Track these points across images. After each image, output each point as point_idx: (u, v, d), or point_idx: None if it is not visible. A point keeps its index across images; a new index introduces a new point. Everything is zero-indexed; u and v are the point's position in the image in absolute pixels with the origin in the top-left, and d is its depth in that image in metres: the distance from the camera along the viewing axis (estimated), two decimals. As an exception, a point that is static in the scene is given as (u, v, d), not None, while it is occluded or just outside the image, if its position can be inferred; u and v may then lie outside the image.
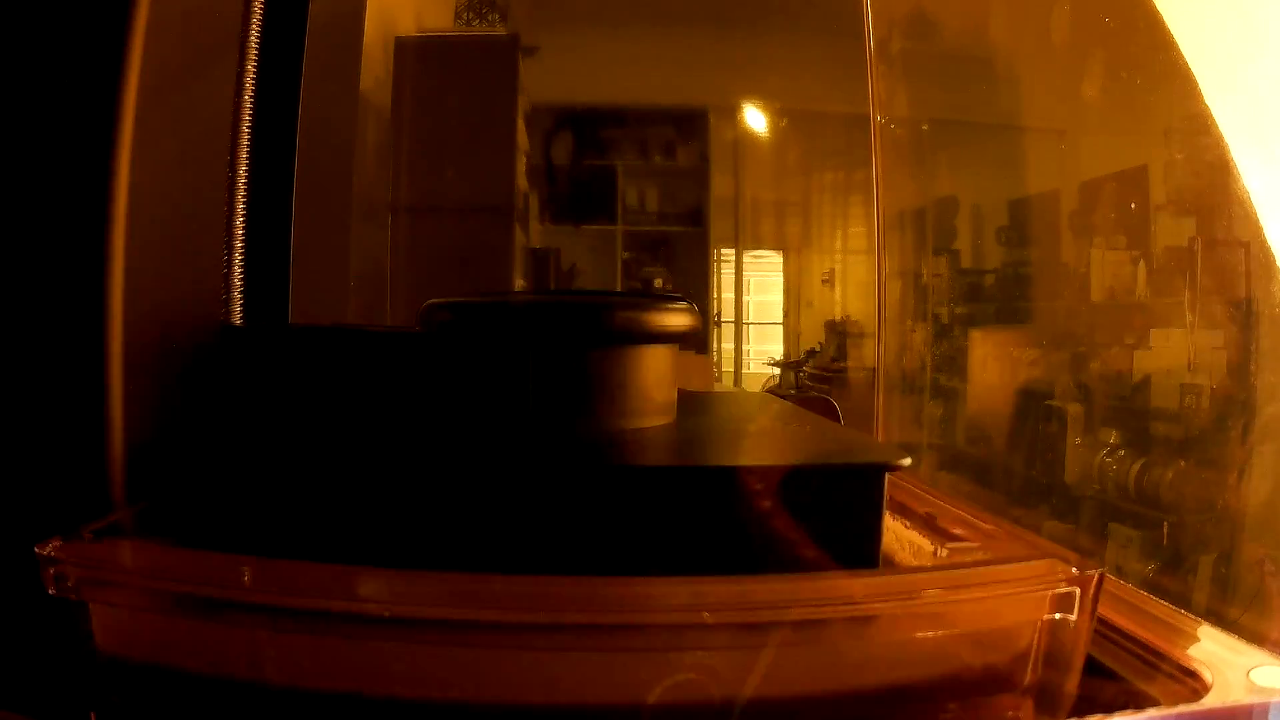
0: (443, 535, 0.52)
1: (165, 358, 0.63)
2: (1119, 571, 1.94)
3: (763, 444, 0.69)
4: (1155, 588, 1.91)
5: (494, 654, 0.44)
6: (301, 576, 0.46)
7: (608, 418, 0.60)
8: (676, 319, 0.62)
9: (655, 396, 0.62)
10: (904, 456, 0.55)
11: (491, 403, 0.60)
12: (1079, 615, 0.47)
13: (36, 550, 0.46)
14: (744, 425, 0.76)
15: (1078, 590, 0.47)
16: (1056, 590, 0.47)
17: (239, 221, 0.75)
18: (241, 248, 0.75)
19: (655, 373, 0.62)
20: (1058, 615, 0.47)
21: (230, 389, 0.66)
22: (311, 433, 0.61)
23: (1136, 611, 0.68)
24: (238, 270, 0.74)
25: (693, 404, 0.75)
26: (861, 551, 0.53)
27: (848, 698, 0.46)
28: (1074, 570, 0.47)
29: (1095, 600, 0.47)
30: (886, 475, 0.54)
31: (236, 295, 0.74)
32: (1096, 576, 0.47)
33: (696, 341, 4.27)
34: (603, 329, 0.61)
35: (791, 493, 0.53)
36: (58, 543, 0.46)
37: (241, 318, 0.74)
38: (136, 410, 0.60)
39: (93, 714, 0.47)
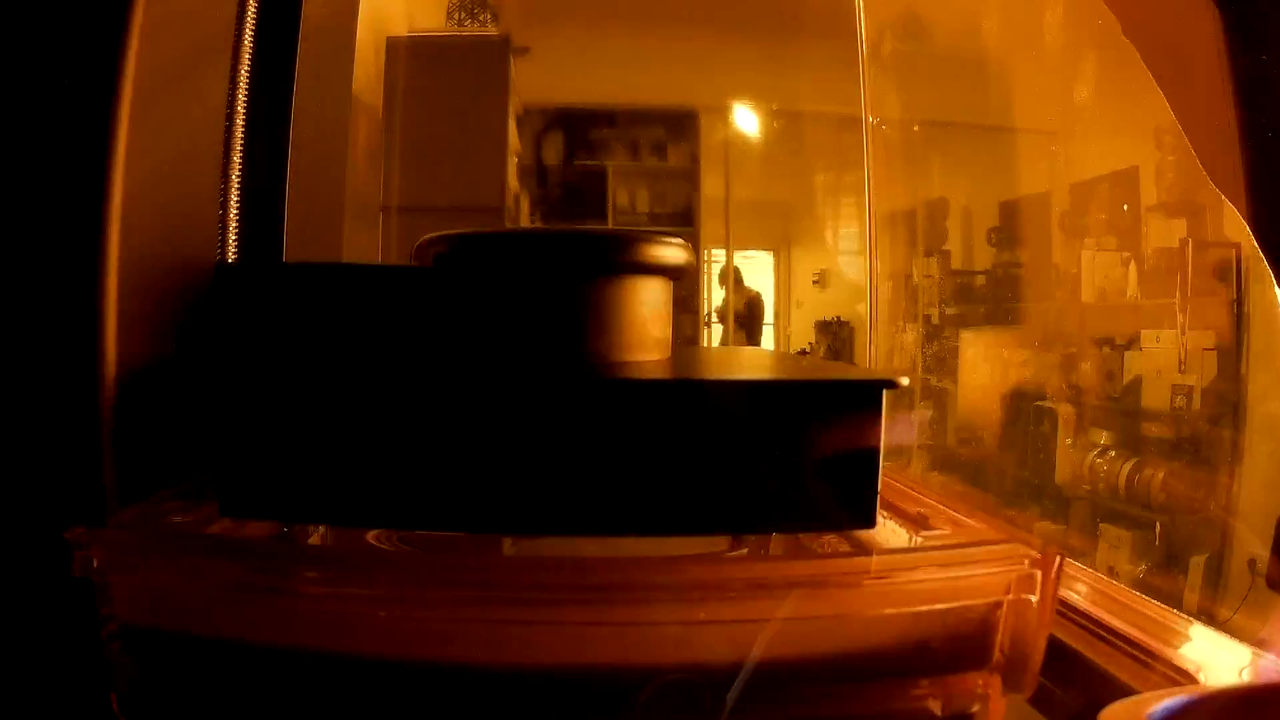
0: (440, 457, 0.52)
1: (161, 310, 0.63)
2: (1110, 571, 1.95)
3: (759, 371, 0.69)
4: (1147, 588, 1.91)
5: (490, 622, 0.46)
6: (327, 560, 0.48)
7: (603, 349, 0.60)
8: (669, 251, 0.62)
9: (651, 330, 0.63)
10: (900, 377, 0.56)
11: (485, 335, 0.60)
12: (1040, 596, 0.49)
13: (66, 536, 0.47)
14: (741, 359, 0.78)
15: (1039, 572, 0.49)
16: (1019, 571, 0.49)
17: (233, 221, 0.75)
18: (235, 248, 0.75)
19: (650, 306, 0.63)
20: (1020, 595, 0.49)
21: (224, 328, 0.66)
22: (308, 367, 0.61)
23: (1129, 611, 0.68)
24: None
25: (689, 350, 0.76)
26: (861, 471, 0.54)
27: (822, 675, 0.47)
28: (1035, 553, 0.49)
29: (1056, 581, 0.49)
30: (883, 393, 0.55)
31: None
32: (1057, 559, 0.49)
33: (688, 342, 4.28)
34: (597, 259, 0.61)
35: (789, 410, 0.53)
36: (83, 530, 0.48)
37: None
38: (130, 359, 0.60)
39: (112, 695, 0.48)
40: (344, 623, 0.47)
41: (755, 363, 0.76)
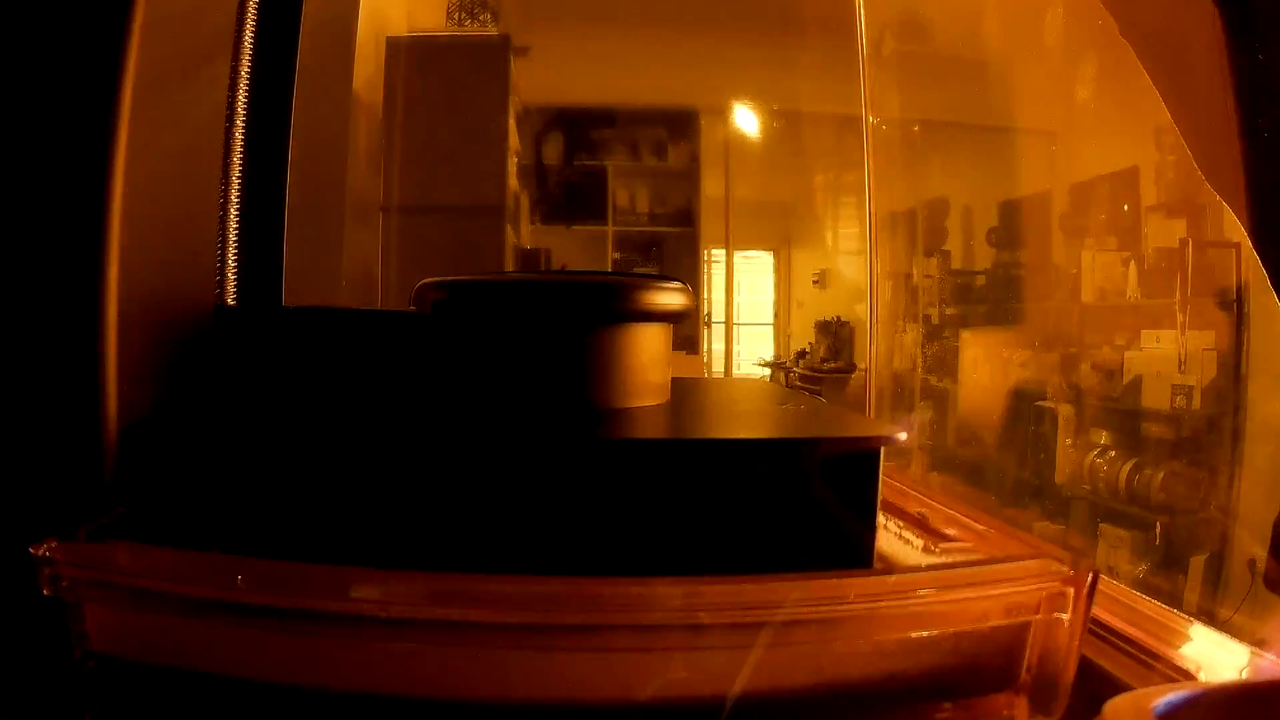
0: (436, 514, 0.51)
1: (160, 341, 0.63)
2: (1110, 571, 1.95)
3: (756, 421, 0.68)
4: (1147, 588, 1.91)
5: (487, 653, 0.44)
6: (296, 576, 0.46)
7: (602, 396, 0.60)
8: (670, 298, 0.61)
9: (649, 376, 0.62)
10: (899, 432, 0.54)
11: (484, 382, 0.60)
12: (1072, 614, 0.47)
13: (32, 551, 0.45)
14: (738, 405, 0.76)
15: (1071, 590, 0.47)
16: (1050, 589, 0.47)
17: (233, 220, 0.75)
18: (236, 246, 0.75)
19: (650, 351, 0.62)
20: (1051, 614, 0.47)
21: (224, 371, 0.65)
22: (306, 414, 0.61)
23: (1129, 611, 0.68)
24: (231, 267, 0.74)
25: (687, 388, 0.75)
26: (857, 527, 0.52)
27: (843, 697, 0.45)
28: (1067, 569, 0.47)
29: (1089, 599, 0.47)
30: (882, 450, 0.54)
31: (230, 295, 0.74)
32: (1090, 575, 0.47)
33: (687, 342, 4.27)
34: (597, 307, 0.60)
35: (785, 466, 0.52)
36: (53, 543, 0.46)
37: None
38: (130, 397, 0.60)
39: (88, 716, 0.47)
40: (340, 649, 0.45)
41: (755, 408, 0.74)
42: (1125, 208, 2.31)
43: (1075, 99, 2.24)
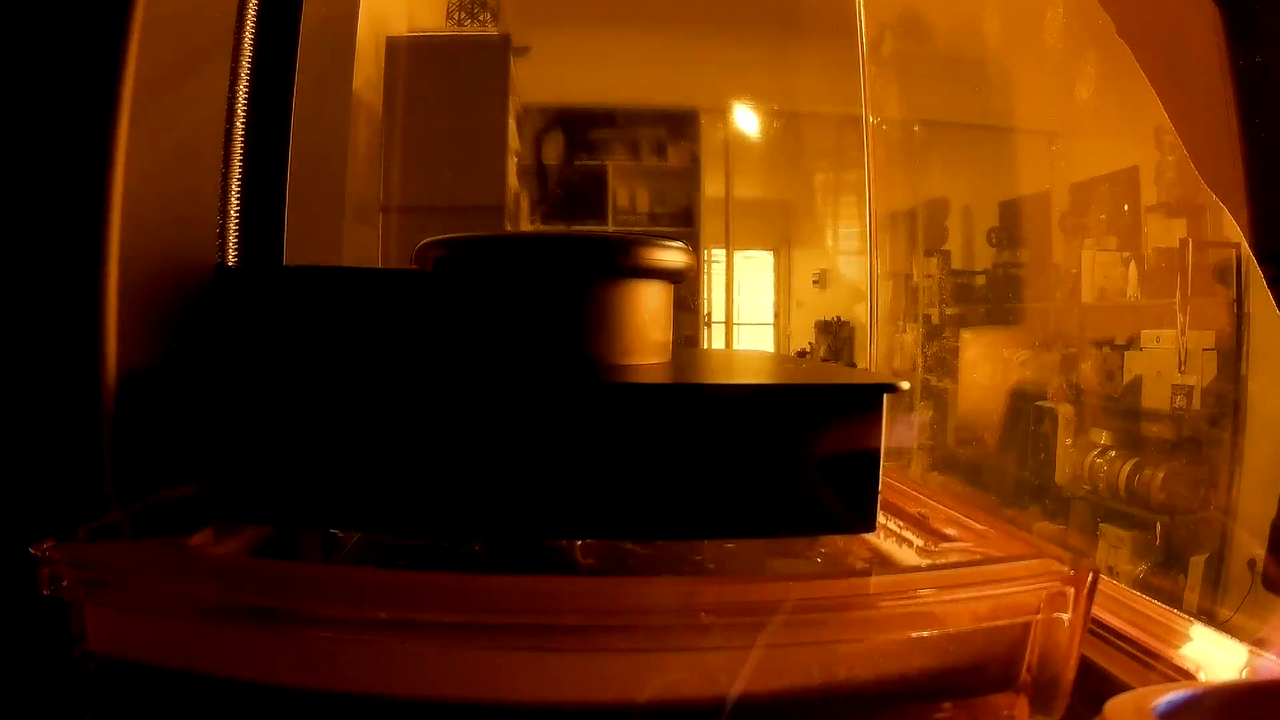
0: (437, 462, 0.51)
1: (159, 321, 0.63)
2: (1110, 571, 1.95)
3: (759, 375, 0.69)
4: (1147, 588, 1.91)
5: (487, 653, 0.44)
6: (296, 577, 0.46)
7: (604, 353, 0.60)
8: (671, 256, 0.61)
9: (651, 334, 0.62)
10: (902, 381, 0.55)
11: (486, 339, 0.60)
12: (1073, 614, 0.47)
13: (31, 551, 0.45)
14: (740, 364, 0.77)
15: (1071, 590, 0.47)
16: (1050, 589, 0.47)
17: (233, 221, 0.75)
18: (235, 249, 0.75)
19: (650, 309, 0.62)
20: (1052, 614, 0.47)
21: (224, 330, 0.65)
22: (309, 371, 0.60)
23: (1129, 611, 0.68)
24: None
25: (689, 352, 0.75)
26: (860, 475, 0.52)
27: (843, 697, 0.46)
28: (1067, 569, 0.47)
29: (1089, 599, 0.47)
30: (885, 398, 0.54)
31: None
32: (1090, 575, 0.47)
33: (687, 342, 4.27)
34: (597, 263, 0.60)
35: (790, 414, 0.52)
36: (52, 543, 0.46)
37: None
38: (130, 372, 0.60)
39: (87, 716, 0.47)
40: (338, 653, 0.45)
41: (755, 365, 0.75)
42: (1125, 208, 2.31)
43: (1075, 99, 2.24)
